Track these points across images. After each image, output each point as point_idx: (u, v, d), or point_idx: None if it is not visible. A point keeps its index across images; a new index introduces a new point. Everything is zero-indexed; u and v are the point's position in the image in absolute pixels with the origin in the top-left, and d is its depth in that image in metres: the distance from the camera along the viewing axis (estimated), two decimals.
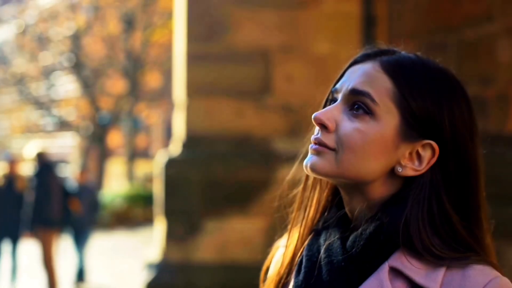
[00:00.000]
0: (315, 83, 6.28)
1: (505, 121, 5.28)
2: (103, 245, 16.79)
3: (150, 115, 30.57)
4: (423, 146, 1.44)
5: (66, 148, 32.49)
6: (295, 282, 1.50)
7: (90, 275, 12.66)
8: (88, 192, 12.78)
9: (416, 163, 1.45)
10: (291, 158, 1.71)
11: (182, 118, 6.98)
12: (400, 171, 1.45)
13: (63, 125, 30.95)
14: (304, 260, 1.52)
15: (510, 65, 5.30)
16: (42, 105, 30.14)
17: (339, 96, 1.49)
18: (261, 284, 1.67)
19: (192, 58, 6.87)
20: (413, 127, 1.44)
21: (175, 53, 7.68)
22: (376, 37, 6.52)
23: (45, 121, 32.51)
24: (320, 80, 6.07)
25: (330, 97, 1.53)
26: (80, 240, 12.20)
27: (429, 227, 1.42)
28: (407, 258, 1.40)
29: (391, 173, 1.46)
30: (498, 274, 1.40)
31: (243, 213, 6.37)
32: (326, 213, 1.58)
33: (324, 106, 1.53)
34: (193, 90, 6.86)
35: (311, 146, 1.48)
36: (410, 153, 1.45)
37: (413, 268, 1.40)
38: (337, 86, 1.51)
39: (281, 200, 1.68)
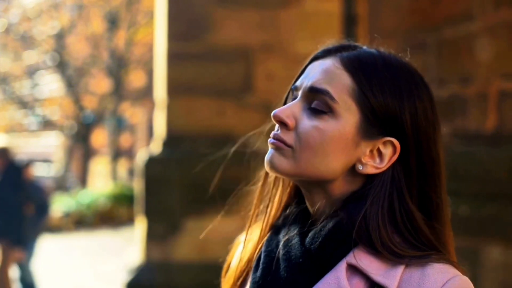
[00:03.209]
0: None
1: (484, 119, 5.29)
2: (87, 244, 16.74)
3: (134, 114, 30.49)
4: (384, 143, 1.42)
5: (50, 148, 32.38)
6: (252, 278, 1.49)
7: (73, 274, 12.62)
8: (36, 191, 10.03)
9: (377, 160, 1.43)
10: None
11: (162, 117, 6.97)
12: (361, 169, 1.43)
13: (47, 124, 30.89)
14: (262, 256, 1.50)
15: (489, 63, 5.31)
16: (26, 104, 30.07)
17: (299, 94, 1.47)
18: (222, 280, 1.66)
19: (173, 57, 6.85)
20: (373, 125, 1.42)
21: (156, 52, 7.66)
22: (357, 36, 6.53)
23: (29, 120, 32.42)
24: None
25: (290, 95, 1.51)
26: (25, 250, 9.54)
27: (390, 225, 1.40)
28: (366, 255, 1.39)
29: (352, 170, 1.44)
30: (458, 272, 1.39)
31: (224, 212, 6.34)
32: (287, 210, 1.57)
33: (284, 104, 1.51)
34: (173, 89, 6.84)
35: (269, 141, 1.46)
36: (371, 151, 1.43)
37: (371, 266, 1.38)
38: (297, 83, 1.49)
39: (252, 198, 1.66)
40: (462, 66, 5.55)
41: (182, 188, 6.58)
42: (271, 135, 1.46)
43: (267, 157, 1.46)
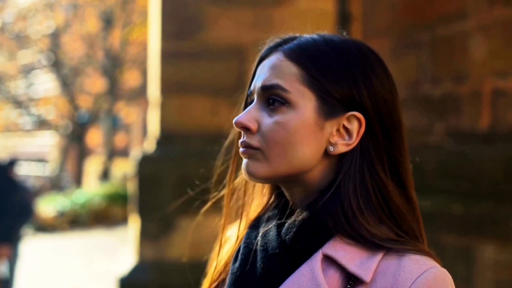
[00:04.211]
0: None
1: (478, 118, 5.28)
2: (81, 244, 16.73)
3: (129, 114, 30.47)
4: (348, 119, 1.43)
5: (45, 147, 32.35)
6: (231, 270, 1.50)
7: (67, 274, 12.61)
8: (19, 192, 9.44)
9: (346, 137, 1.44)
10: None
11: (156, 115, 6.96)
12: (332, 150, 1.44)
13: (42, 124, 30.85)
14: (241, 247, 1.52)
15: (483, 62, 5.30)
16: (21, 103, 30.02)
17: (255, 97, 1.49)
18: (205, 277, 1.66)
19: (167, 56, 6.84)
20: (331, 104, 1.43)
21: (150, 51, 7.65)
22: (351, 35, 6.53)
23: (24, 120, 32.37)
24: None
25: (248, 101, 1.53)
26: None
27: (362, 201, 1.41)
28: (342, 245, 1.39)
29: (326, 155, 1.45)
30: (435, 264, 1.38)
31: (217, 211, 6.33)
32: (269, 202, 1.59)
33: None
34: (167, 87, 6.83)
35: (240, 151, 1.48)
36: (337, 130, 1.44)
37: (347, 256, 1.38)
38: (251, 88, 1.51)
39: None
40: (456, 64, 5.54)
41: (175, 187, 6.56)
42: (239, 143, 1.48)
43: (243, 168, 1.47)
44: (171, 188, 6.57)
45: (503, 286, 4.75)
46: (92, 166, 29.16)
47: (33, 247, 14.37)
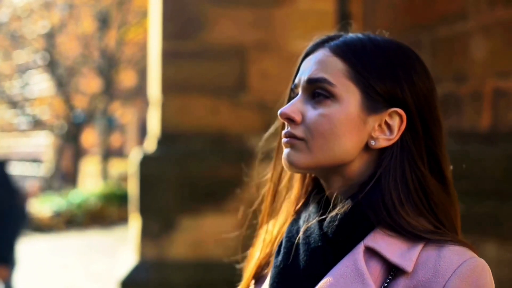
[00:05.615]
0: (290, 80, 6.28)
1: (478, 118, 5.31)
2: (77, 244, 16.71)
3: (124, 114, 30.42)
4: (390, 115, 1.48)
5: (40, 147, 32.28)
6: (274, 263, 1.53)
7: (63, 274, 12.59)
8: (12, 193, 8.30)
9: (387, 132, 1.48)
10: (266, 156, 1.73)
11: (157, 115, 6.96)
12: (373, 144, 1.48)
13: (37, 124, 30.74)
14: (284, 241, 1.55)
15: (483, 62, 5.33)
16: (16, 103, 29.93)
17: (299, 90, 1.53)
18: (244, 268, 1.69)
19: (167, 56, 6.85)
20: (375, 100, 1.48)
21: (150, 51, 7.66)
22: None
23: (19, 120, 32.28)
24: None
25: (292, 95, 1.57)
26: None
27: (403, 194, 1.44)
28: (383, 237, 1.42)
29: (367, 148, 1.49)
30: (474, 255, 1.42)
31: (218, 211, 6.36)
32: (307, 197, 1.62)
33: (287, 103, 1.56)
34: (168, 87, 6.84)
35: (283, 141, 1.51)
36: (379, 125, 1.48)
37: (389, 248, 1.41)
38: (295, 81, 1.55)
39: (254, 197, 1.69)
40: (457, 65, 5.57)
41: (176, 186, 6.58)
42: (283, 134, 1.52)
43: (284, 157, 1.51)
44: (172, 187, 6.59)
45: (505, 285, 4.77)
46: (88, 166, 29.12)
47: (29, 247, 14.35)
